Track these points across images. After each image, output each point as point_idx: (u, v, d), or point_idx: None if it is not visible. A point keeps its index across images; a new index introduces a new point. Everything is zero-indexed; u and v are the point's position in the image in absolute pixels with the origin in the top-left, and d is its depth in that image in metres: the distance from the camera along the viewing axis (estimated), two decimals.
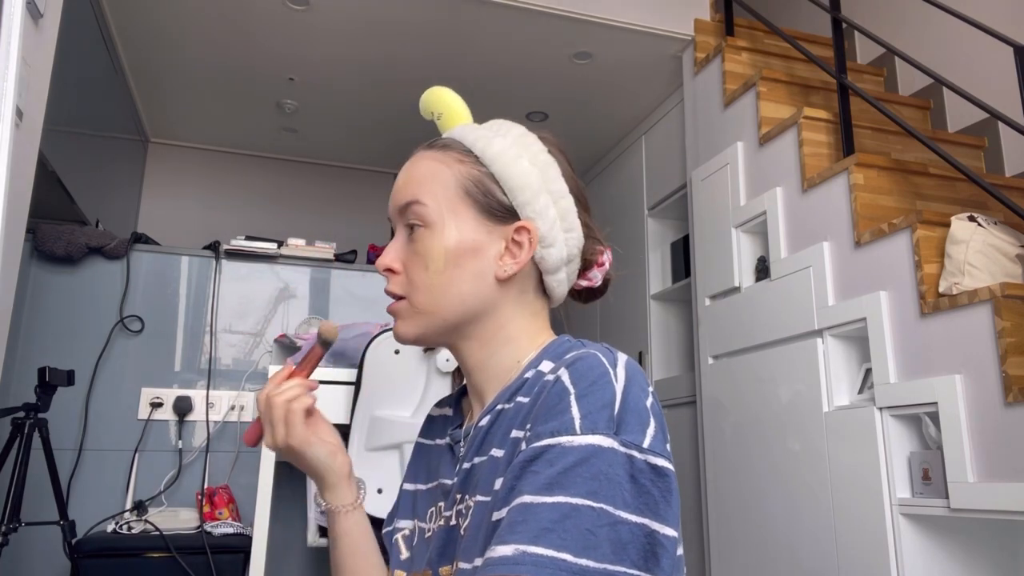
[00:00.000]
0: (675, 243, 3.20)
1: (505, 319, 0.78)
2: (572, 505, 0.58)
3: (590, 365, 0.66)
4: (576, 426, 0.62)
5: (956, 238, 1.81)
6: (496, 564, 0.57)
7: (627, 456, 0.61)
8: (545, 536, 0.57)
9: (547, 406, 0.65)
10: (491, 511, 0.65)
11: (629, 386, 0.65)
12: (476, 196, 0.76)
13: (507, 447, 0.69)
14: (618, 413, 0.63)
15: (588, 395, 0.63)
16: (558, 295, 0.82)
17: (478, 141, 0.79)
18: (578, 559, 0.57)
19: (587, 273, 0.83)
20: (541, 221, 0.76)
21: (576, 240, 0.79)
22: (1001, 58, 2.36)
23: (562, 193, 0.78)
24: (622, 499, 0.59)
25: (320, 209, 4.20)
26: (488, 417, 0.74)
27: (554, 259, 0.78)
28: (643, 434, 0.63)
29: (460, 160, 0.78)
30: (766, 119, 2.45)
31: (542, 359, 0.75)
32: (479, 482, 0.70)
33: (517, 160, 0.77)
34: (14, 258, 1.69)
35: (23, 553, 2.28)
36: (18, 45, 1.39)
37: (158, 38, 2.97)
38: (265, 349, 2.73)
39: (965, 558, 1.76)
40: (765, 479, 2.20)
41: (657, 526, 0.60)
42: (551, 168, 0.79)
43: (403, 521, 0.84)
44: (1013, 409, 1.57)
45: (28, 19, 1.62)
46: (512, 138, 0.80)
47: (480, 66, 3.14)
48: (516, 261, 0.76)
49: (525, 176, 0.77)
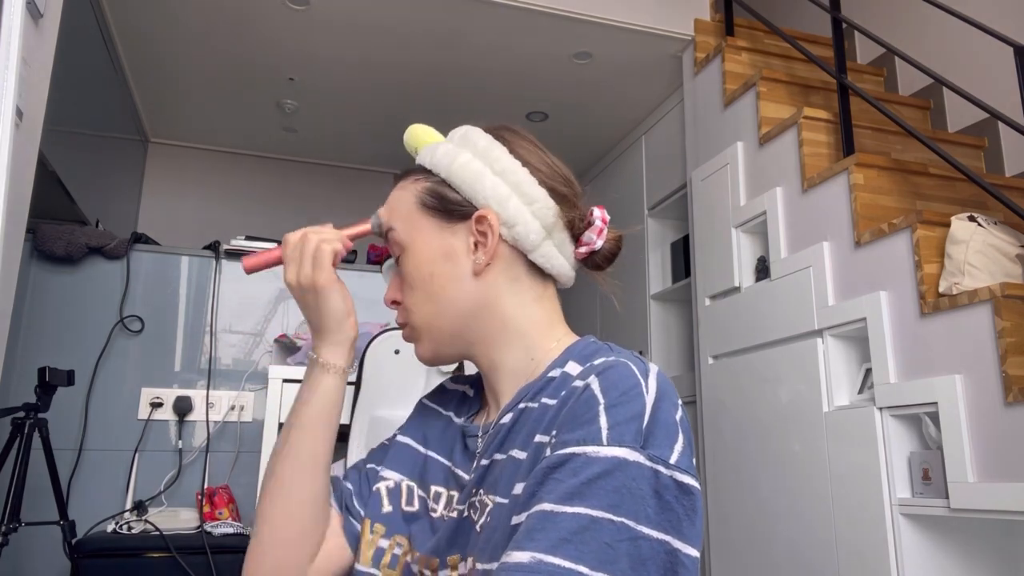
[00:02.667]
0: (675, 243, 3.20)
1: (507, 312, 0.78)
2: (592, 517, 0.58)
3: (621, 375, 0.65)
4: (603, 437, 0.61)
5: (956, 238, 1.81)
6: (512, 569, 0.57)
7: (653, 471, 0.60)
8: (563, 547, 0.57)
9: (575, 414, 0.64)
10: (510, 514, 0.65)
11: (660, 400, 0.64)
12: (431, 205, 0.79)
13: (530, 450, 0.68)
14: (647, 426, 0.62)
15: (618, 406, 0.63)
16: (560, 272, 0.80)
17: (427, 155, 0.82)
18: (595, 573, 0.56)
19: (581, 238, 0.80)
20: (495, 203, 0.77)
21: (544, 210, 0.77)
22: (1001, 58, 2.36)
23: (511, 169, 0.78)
24: (644, 514, 0.59)
25: (320, 209, 4.19)
26: (511, 415, 0.74)
27: (526, 235, 0.77)
28: (671, 449, 0.62)
29: (416, 179, 0.82)
30: (766, 119, 2.45)
31: (567, 359, 0.74)
32: (498, 481, 0.70)
33: (458, 156, 0.79)
34: (14, 258, 1.69)
35: (23, 553, 2.28)
36: (18, 45, 1.39)
37: (158, 38, 2.97)
38: (265, 349, 2.73)
39: (965, 558, 1.76)
40: (765, 479, 2.20)
41: (679, 544, 0.59)
42: (493, 150, 0.79)
43: (389, 471, 0.83)
44: (1013, 409, 1.57)
45: (28, 19, 1.62)
46: (456, 139, 0.82)
47: (480, 66, 3.14)
48: (485, 251, 0.77)
49: (466, 167, 0.78)
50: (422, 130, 0.87)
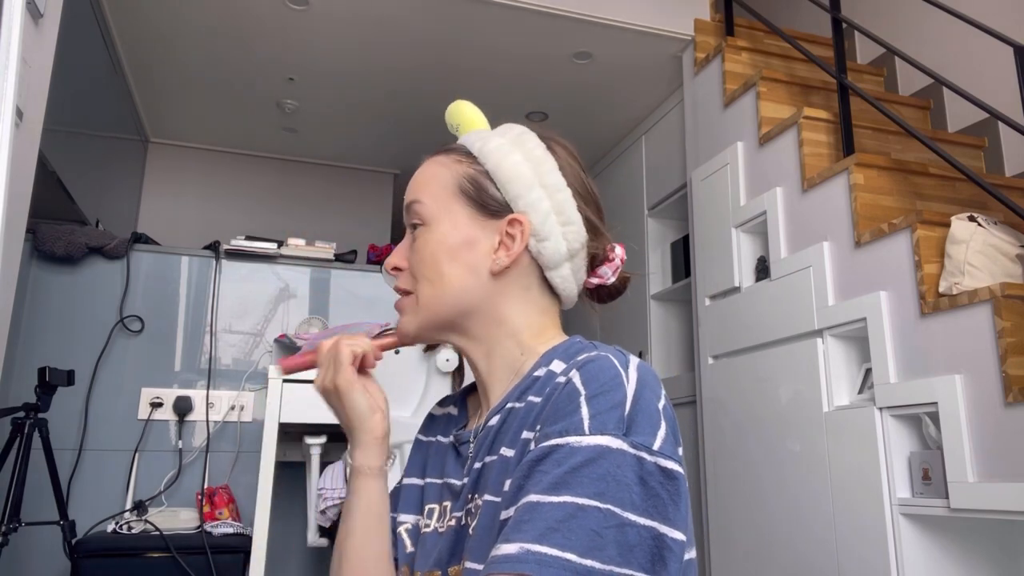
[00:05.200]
0: (675, 243, 3.20)
1: (505, 315, 0.78)
2: (578, 505, 0.58)
3: (601, 367, 0.66)
4: (585, 426, 0.62)
5: (956, 238, 1.81)
6: (501, 562, 0.57)
7: (636, 458, 0.61)
8: (550, 535, 0.57)
9: (557, 407, 0.65)
10: (500, 510, 0.65)
11: (641, 388, 0.65)
12: (470, 192, 0.78)
13: (517, 447, 0.69)
14: (629, 414, 0.63)
15: (599, 396, 0.63)
16: (566, 294, 0.81)
17: (477, 142, 0.81)
18: (583, 559, 0.56)
19: (597, 270, 0.81)
20: (534, 214, 0.77)
21: (576, 234, 0.78)
22: (1001, 58, 2.36)
23: (558, 187, 0.78)
24: (630, 501, 0.59)
25: (320, 209, 4.20)
26: (498, 416, 0.74)
27: (551, 253, 0.77)
28: (654, 436, 0.63)
29: (459, 161, 0.81)
30: (766, 119, 2.45)
31: (552, 358, 0.74)
32: (489, 482, 0.70)
33: (509, 155, 0.79)
34: (14, 258, 1.69)
35: (23, 553, 2.28)
36: (18, 45, 1.39)
37: (158, 38, 2.97)
38: (265, 349, 2.73)
39: (965, 558, 1.76)
40: (765, 479, 2.20)
41: (665, 529, 0.60)
42: (546, 162, 0.79)
43: (404, 515, 0.84)
44: (1013, 409, 1.57)
45: (28, 19, 1.62)
46: (511, 136, 0.81)
47: (480, 66, 3.14)
48: (508, 253, 0.77)
49: (516, 169, 0.78)
50: (469, 108, 0.86)
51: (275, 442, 2.03)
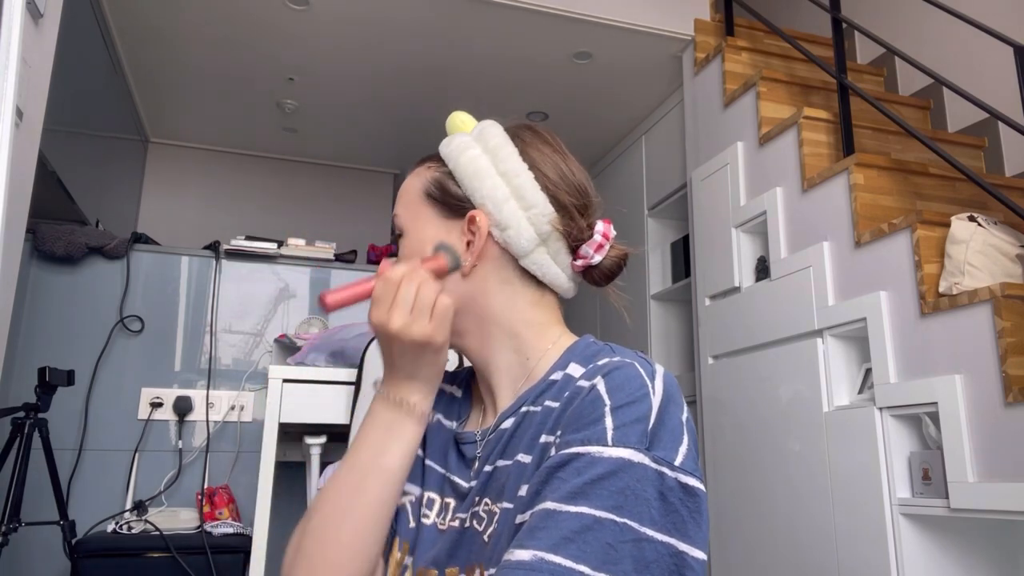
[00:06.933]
0: (675, 243, 3.20)
1: (492, 312, 0.76)
2: (595, 517, 0.57)
3: (628, 376, 0.64)
4: (608, 437, 0.61)
5: (956, 238, 1.81)
6: (514, 568, 0.57)
7: (658, 473, 0.60)
8: (565, 546, 0.56)
9: (579, 414, 0.64)
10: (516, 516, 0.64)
11: (667, 402, 0.64)
12: (435, 196, 0.78)
13: (535, 452, 0.67)
14: (652, 428, 0.62)
15: (624, 407, 0.62)
16: (555, 282, 0.78)
17: (446, 144, 0.81)
18: (597, 573, 0.56)
19: (579, 251, 0.77)
20: (491, 204, 0.75)
21: (540, 217, 0.75)
22: (1001, 58, 2.36)
23: (516, 172, 0.75)
24: (649, 516, 0.58)
25: (320, 209, 4.20)
26: (512, 419, 0.72)
27: (517, 240, 0.75)
28: (676, 451, 0.62)
29: (429, 167, 0.81)
30: (766, 119, 2.45)
31: (569, 360, 0.73)
32: (505, 488, 0.69)
33: (467, 150, 0.78)
34: (14, 258, 1.69)
35: (23, 553, 2.28)
36: (18, 45, 1.39)
37: (158, 38, 2.97)
38: (265, 349, 2.73)
39: (965, 558, 1.76)
40: (765, 479, 2.20)
41: (685, 547, 0.59)
42: (503, 149, 0.77)
43: (409, 485, 0.79)
44: (1013, 409, 1.57)
45: (28, 19, 1.62)
46: (475, 133, 0.81)
47: (480, 66, 3.14)
48: (471, 251, 0.75)
49: (474, 163, 0.77)
50: (459, 118, 0.85)
51: (275, 442, 2.03)
